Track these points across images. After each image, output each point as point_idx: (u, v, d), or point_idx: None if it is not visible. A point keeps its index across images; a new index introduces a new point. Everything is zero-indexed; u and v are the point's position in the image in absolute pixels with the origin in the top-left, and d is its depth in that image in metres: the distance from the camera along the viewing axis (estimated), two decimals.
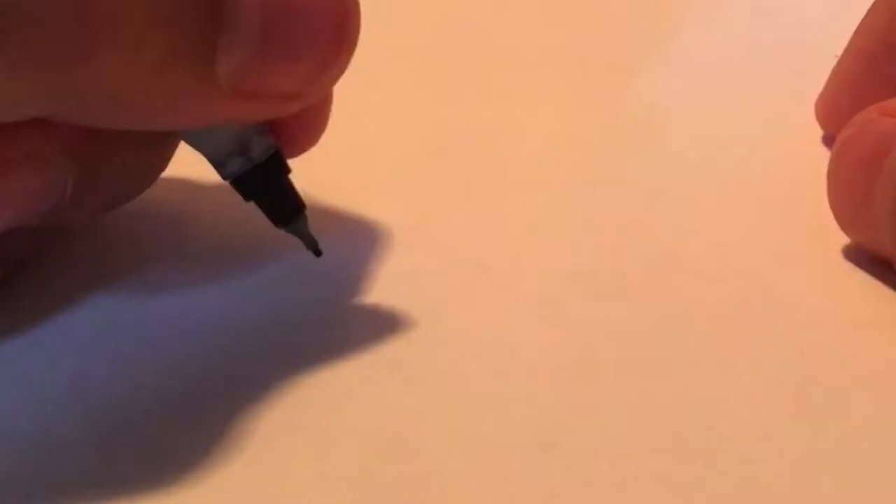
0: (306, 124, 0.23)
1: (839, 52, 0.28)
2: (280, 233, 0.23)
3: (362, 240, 0.23)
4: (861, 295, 0.23)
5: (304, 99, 0.21)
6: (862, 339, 0.21)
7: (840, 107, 0.28)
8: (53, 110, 0.19)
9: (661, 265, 0.24)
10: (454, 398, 0.20)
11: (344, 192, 0.27)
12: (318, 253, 0.23)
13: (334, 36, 0.20)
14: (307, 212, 0.23)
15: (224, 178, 0.22)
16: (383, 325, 0.23)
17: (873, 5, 0.27)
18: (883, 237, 0.22)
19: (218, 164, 0.22)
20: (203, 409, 0.20)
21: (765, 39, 0.35)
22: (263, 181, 0.22)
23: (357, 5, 0.20)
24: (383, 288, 0.24)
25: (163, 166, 0.24)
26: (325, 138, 0.24)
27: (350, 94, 0.23)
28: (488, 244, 0.25)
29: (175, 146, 0.24)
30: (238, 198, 0.23)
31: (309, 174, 0.23)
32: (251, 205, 0.23)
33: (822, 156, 0.24)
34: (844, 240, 0.24)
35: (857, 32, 0.28)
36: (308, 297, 0.23)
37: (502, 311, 0.23)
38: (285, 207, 0.23)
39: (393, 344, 0.22)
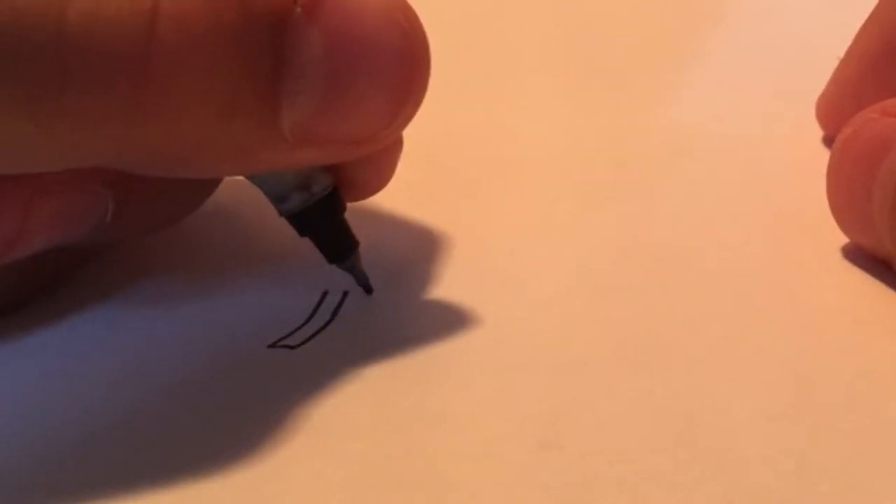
0: (375, 167, 0.23)
1: (841, 52, 0.28)
2: (287, 238, 0.23)
3: (364, 239, 0.23)
4: (860, 294, 0.23)
5: (374, 143, 0.20)
6: (861, 339, 0.21)
7: (841, 107, 0.28)
8: (116, 162, 0.19)
9: (662, 265, 0.24)
10: (454, 398, 0.20)
11: None
12: (368, 290, 0.23)
13: (403, 77, 0.19)
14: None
15: (282, 213, 0.22)
16: (383, 323, 0.23)
17: (877, 7, 0.27)
18: (882, 237, 0.22)
19: (278, 200, 0.22)
20: (202, 408, 0.21)
21: (767, 40, 0.35)
22: (321, 218, 0.22)
23: (426, 43, 0.20)
24: (385, 286, 0.24)
25: (209, 192, 0.24)
26: None
27: None
28: (491, 244, 0.25)
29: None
30: (247, 205, 0.23)
31: None
32: (257, 211, 0.23)
33: (822, 156, 0.24)
34: (844, 240, 0.24)
35: (860, 33, 0.28)
36: (309, 297, 0.23)
37: (504, 309, 0.23)
38: (340, 244, 0.23)
39: (393, 343, 0.22)
